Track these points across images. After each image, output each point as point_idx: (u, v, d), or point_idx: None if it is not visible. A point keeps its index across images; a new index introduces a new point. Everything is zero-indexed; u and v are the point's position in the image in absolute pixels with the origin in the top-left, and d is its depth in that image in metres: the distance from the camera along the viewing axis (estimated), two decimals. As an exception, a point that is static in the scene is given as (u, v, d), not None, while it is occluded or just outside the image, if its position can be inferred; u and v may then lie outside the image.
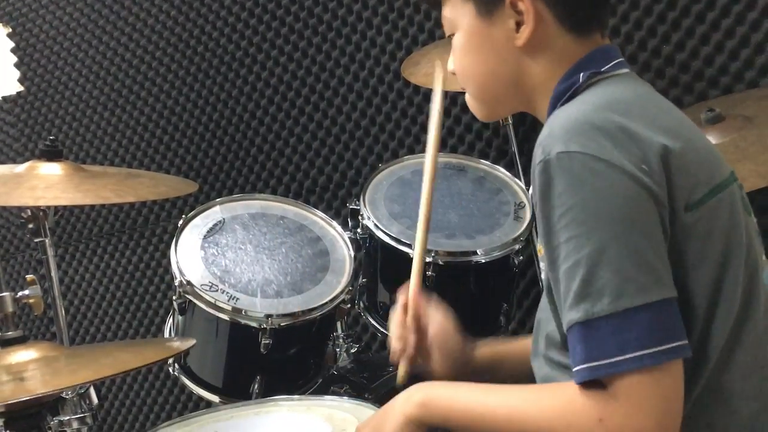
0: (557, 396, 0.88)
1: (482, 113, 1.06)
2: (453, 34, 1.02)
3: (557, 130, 0.86)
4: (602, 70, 0.95)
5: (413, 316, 1.16)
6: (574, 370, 0.84)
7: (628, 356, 0.81)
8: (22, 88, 2.91)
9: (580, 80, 0.94)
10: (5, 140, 2.99)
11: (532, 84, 0.99)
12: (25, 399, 0.84)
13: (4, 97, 2.95)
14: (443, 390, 0.97)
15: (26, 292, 1.03)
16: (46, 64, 2.85)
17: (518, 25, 0.96)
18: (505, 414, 0.89)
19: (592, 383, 0.83)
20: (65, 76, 2.82)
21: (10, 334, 0.95)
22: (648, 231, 0.83)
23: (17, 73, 2.92)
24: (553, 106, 0.95)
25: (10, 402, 0.84)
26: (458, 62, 1.02)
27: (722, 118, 1.62)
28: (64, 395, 1.22)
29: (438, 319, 1.18)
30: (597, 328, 0.82)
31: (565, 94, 0.95)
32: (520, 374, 1.13)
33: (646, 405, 0.81)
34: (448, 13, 1.02)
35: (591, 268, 0.82)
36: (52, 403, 1.11)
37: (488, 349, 1.23)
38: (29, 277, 1.05)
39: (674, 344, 0.82)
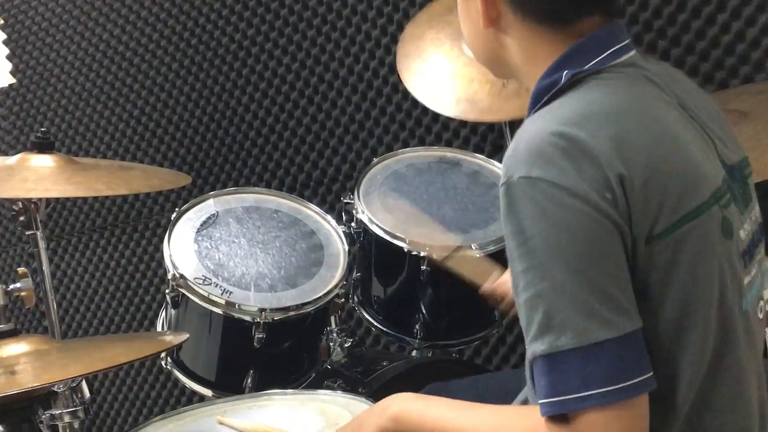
0: (521, 422, 0.87)
1: (492, 72, 1.04)
2: None
3: (521, 150, 0.83)
4: (586, 67, 0.88)
5: None
6: (539, 402, 0.82)
7: (592, 392, 0.79)
8: (14, 80, 2.89)
9: (562, 80, 0.88)
10: (-3, 133, 2.98)
11: (513, 64, 0.95)
12: (15, 393, 0.83)
13: (-4, 89, 2.94)
14: (417, 405, 0.97)
15: (18, 285, 1.02)
16: (39, 56, 2.83)
17: None
18: None
19: (558, 416, 0.81)
20: (57, 68, 2.80)
21: (2, 327, 0.94)
22: (611, 262, 0.81)
23: (9, 65, 2.90)
24: (533, 104, 0.91)
25: (1, 396, 0.83)
26: (461, 28, 1.01)
27: (718, 113, 1.62)
28: (56, 389, 1.21)
29: None
30: (561, 362, 0.80)
31: (545, 94, 0.89)
32: None
33: None
34: None
35: (553, 300, 0.80)
36: (44, 397, 1.10)
37: None
38: (21, 270, 1.04)
39: (639, 378, 0.80)
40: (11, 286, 1.01)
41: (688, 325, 0.84)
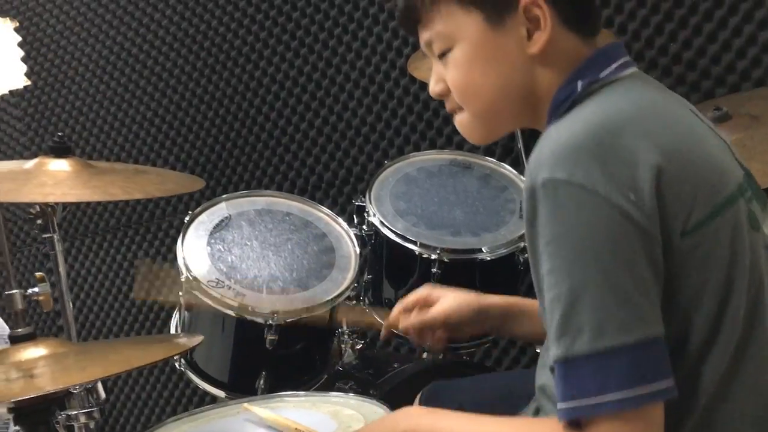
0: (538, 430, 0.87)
1: (480, 134, 1.00)
2: (446, 51, 0.95)
3: (545, 154, 0.83)
4: (602, 76, 0.90)
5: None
6: (557, 407, 0.81)
7: (607, 398, 0.78)
8: (28, 83, 2.92)
9: (578, 89, 0.90)
10: (12, 134, 3.00)
11: (541, 94, 0.94)
12: (34, 396, 0.85)
13: (10, 91, 2.96)
14: (427, 421, 0.95)
15: (36, 289, 1.03)
16: (53, 59, 2.86)
17: (529, 32, 0.91)
18: None
19: (572, 423, 0.81)
20: (72, 70, 2.82)
21: (20, 330, 0.96)
22: (632, 267, 0.80)
23: (24, 68, 2.93)
24: (550, 117, 0.92)
25: (20, 399, 0.85)
26: (463, 78, 0.95)
27: (729, 117, 1.62)
28: (71, 390, 1.22)
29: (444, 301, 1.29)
30: (577, 367, 0.79)
31: (562, 105, 0.90)
32: (533, 335, 1.23)
33: None
34: (441, 27, 0.94)
35: (570, 303, 0.79)
36: (60, 398, 1.12)
37: (499, 301, 1.30)
38: (38, 274, 1.06)
39: (657, 386, 0.79)
40: (29, 291, 1.03)
41: (721, 322, 0.84)
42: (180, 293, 1.52)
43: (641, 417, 0.79)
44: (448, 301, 1.29)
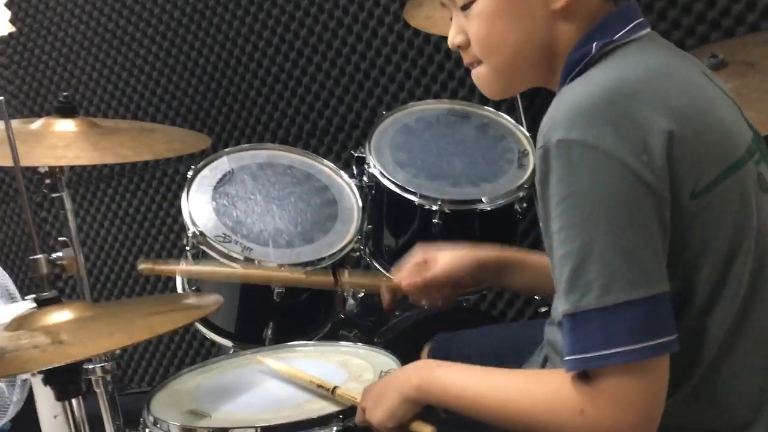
0: (545, 385, 0.90)
1: (498, 88, 1.00)
2: (469, 3, 0.95)
3: (559, 116, 0.85)
4: (615, 38, 0.91)
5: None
6: (564, 359, 0.85)
7: (614, 351, 0.82)
8: (14, 29, 2.86)
9: (593, 51, 0.91)
10: (-1, 83, 2.96)
11: (559, 51, 0.94)
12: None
13: (-5, 38, 2.91)
14: (439, 374, 0.99)
15: (60, 254, 1.05)
16: (38, 4, 2.79)
17: None
18: (495, 401, 0.92)
19: (581, 375, 0.85)
20: (57, 16, 2.76)
21: (46, 294, 0.98)
22: (641, 226, 0.83)
23: (8, 13, 2.86)
24: (564, 78, 0.93)
25: (53, 366, 0.87)
26: (485, 31, 0.96)
27: (725, 64, 1.63)
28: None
29: (443, 259, 1.30)
30: (584, 321, 0.83)
31: (576, 66, 0.91)
32: (533, 287, 1.29)
33: (627, 400, 0.83)
34: None
35: (580, 260, 0.82)
36: (81, 356, 1.15)
37: (494, 253, 1.31)
38: (62, 239, 1.07)
39: (661, 340, 0.83)
40: (54, 255, 1.05)
41: (725, 280, 0.87)
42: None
43: (646, 369, 0.83)
44: (446, 258, 1.30)
